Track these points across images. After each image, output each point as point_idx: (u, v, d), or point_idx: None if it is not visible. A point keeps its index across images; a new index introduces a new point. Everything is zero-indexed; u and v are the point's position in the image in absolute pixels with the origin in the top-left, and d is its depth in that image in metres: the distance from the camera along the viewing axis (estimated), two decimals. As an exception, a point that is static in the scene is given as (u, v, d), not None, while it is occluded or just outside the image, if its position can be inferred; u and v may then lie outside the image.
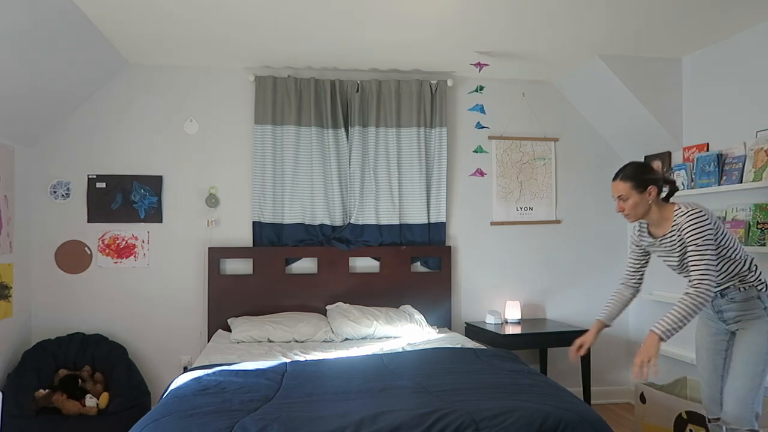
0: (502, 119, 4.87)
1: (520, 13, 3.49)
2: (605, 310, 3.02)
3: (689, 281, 2.57)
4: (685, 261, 2.68)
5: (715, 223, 2.64)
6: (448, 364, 3.19)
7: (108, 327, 4.34)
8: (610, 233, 5.01)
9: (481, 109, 4.80)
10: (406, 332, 4.09)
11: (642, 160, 4.79)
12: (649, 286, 4.70)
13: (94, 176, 4.37)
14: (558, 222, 4.94)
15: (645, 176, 2.75)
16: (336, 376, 2.97)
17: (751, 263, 2.72)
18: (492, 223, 4.84)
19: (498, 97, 4.86)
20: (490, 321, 4.54)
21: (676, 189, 2.89)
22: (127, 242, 4.40)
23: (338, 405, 2.49)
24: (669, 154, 4.52)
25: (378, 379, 2.90)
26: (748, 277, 2.69)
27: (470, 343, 3.85)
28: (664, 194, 2.83)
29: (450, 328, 4.61)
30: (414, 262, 4.68)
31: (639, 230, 2.93)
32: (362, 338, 4.05)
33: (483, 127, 4.81)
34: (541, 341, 4.37)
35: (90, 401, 3.86)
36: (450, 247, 4.70)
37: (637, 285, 3.00)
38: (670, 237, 2.72)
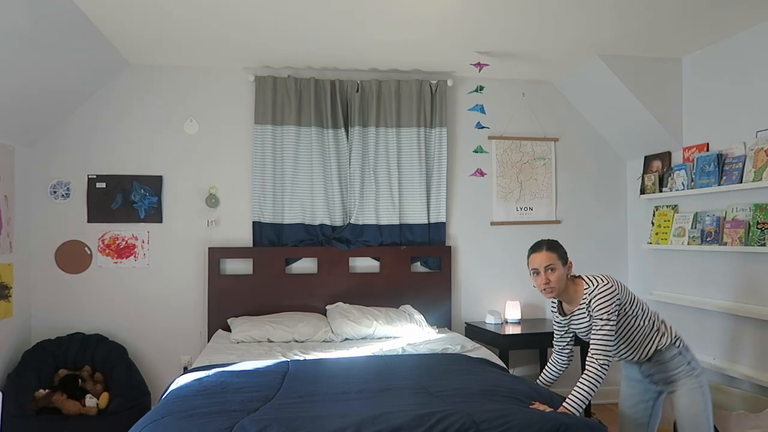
0: (502, 119, 4.87)
1: (520, 13, 3.49)
2: (545, 377, 2.96)
3: (589, 350, 2.59)
4: (589, 329, 2.70)
5: (620, 294, 2.65)
6: (449, 365, 3.19)
7: (108, 327, 4.34)
8: (610, 233, 5.01)
9: (481, 109, 4.80)
10: (406, 332, 4.09)
11: (642, 160, 4.79)
12: (649, 286, 4.70)
13: (94, 176, 4.37)
14: (558, 222, 4.94)
15: (564, 250, 2.79)
16: (336, 377, 2.97)
17: (661, 323, 2.75)
18: (492, 223, 4.84)
19: (498, 97, 4.86)
20: (490, 321, 4.54)
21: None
22: (127, 242, 4.39)
23: (338, 405, 2.49)
24: (669, 154, 4.52)
25: (378, 380, 2.90)
26: (665, 338, 2.72)
27: (470, 344, 3.85)
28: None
29: (450, 328, 4.61)
30: (414, 262, 4.68)
31: (552, 309, 2.93)
32: (362, 338, 4.05)
33: (483, 127, 4.81)
34: (541, 341, 4.36)
35: (90, 401, 3.86)
36: (450, 247, 4.69)
37: (569, 352, 2.92)
38: (579, 313, 2.71)
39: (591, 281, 2.68)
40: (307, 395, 2.66)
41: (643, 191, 4.66)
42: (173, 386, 2.86)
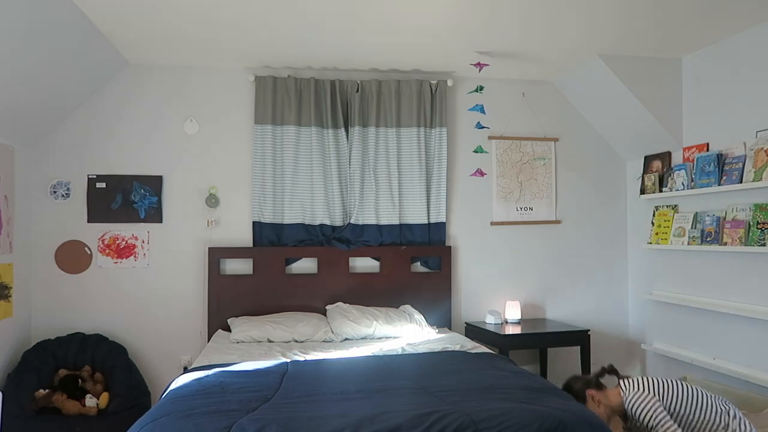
0: (502, 119, 4.86)
1: (520, 13, 3.49)
2: None
3: None
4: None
5: (662, 397, 2.76)
6: (448, 365, 3.19)
7: (108, 327, 4.34)
8: (610, 233, 5.00)
9: (481, 109, 4.80)
10: (406, 332, 4.09)
11: (642, 160, 4.79)
12: (649, 286, 4.70)
13: (94, 176, 4.37)
14: (558, 222, 4.93)
15: (575, 387, 2.95)
16: (335, 377, 2.96)
17: (735, 421, 2.74)
18: (492, 223, 4.83)
19: (498, 97, 4.86)
20: (490, 321, 4.54)
21: (615, 372, 3.01)
22: (127, 242, 4.40)
23: (337, 405, 2.49)
24: (669, 154, 4.51)
25: (377, 380, 2.90)
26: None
27: (470, 344, 3.85)
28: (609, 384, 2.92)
29: (450, 328, 4.60)
30: (414, 262, 4.68)
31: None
32: (362, 338, 4.05)
33: (483, 127, 4.81)
34: (541, 341, 4.37)
35: (90, 401, 3.86)
36: (450, 247, 4.69)
37: None
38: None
39: (622, 393, 2.83)
40: (305, 395, 2.66)
41: (643, 191, 4.66)
42: (173, 386, 2.86)
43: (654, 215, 4.57)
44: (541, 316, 4.88)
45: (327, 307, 4.35)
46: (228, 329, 4.25)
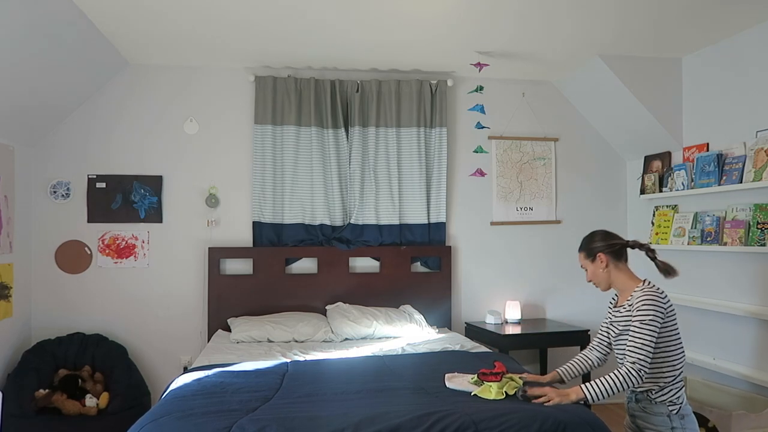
0: (502, 119, 4.86)
1: (520, 13, 3.49)
2: (563, 368, 2.81)
3: (625, 360, 2.47)
4: (624, 337, 2.56)
5: (667, 309, 2.51)
6: (448, 365, 3.18)
7: (108, 327, 4.34)
8: (610, 233, 5.00)
9: (481, 109, 4.80)
10: (406, 332, 4.09)
11: (642, 160, 4.79)
12: (649, 286, 4.69)
13: (94, 176, 4.37)
14: (558, 222, 4.93)
15: (592, 245, 2.68)
16: (335, 377, 2.96)
17: (678, 376, 2.52)
18: (492, 223, 4.83)
19: (498, 97, 4.86)
20: (490, 321, 4.54)
21: (650, 252, 2.70)
22: (127, 242, 4.40)
23: (337, 405, 2.49)
24: (669, 154, 4.51)
25: (377, 380, 2.90)
26: (666, 389, 2.49)
27: (470, 344, 3.85)
28: (624, 260, 2.69)
29: (450, 328, 4.61)
30: (414, 262, 4.68)
31: (610, 302, 2.83)
32: (362, 338, 4.05)
33: (483, 127, 4.81)
34: (541, 341, 4.37)
35: (90, 401, 3.86)
36: (450, 247, 4.69)
37: (601, 354, 2.79)
38: (624, 309, 2.60)
39: (644, 285, 2.57)
40: (305, 395, 2.66)
41: (643, 191, 4.66)
42: (173, 386, 2.86)
43: (654, 215, 4.57)
44: (541, 316, 4.88)
45: (327, 307, 4.35)
46: (228, 329, 4.25)
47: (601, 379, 2.46)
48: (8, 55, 3.26)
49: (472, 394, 2.60)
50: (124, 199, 4.39)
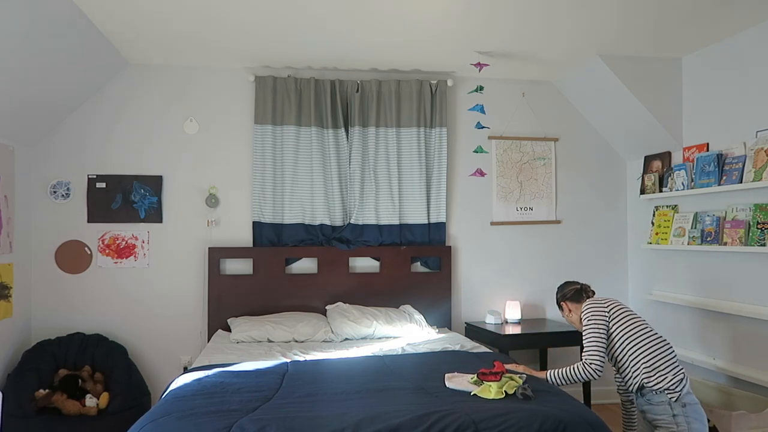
0: (502, 119, 4.86)
1: (520, 13, 3.49)
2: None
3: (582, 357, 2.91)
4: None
5: (610, 310, 2.95)
6: (448, 365, 3.18)
7: (108, 327, 4.34)
8: (610, 233, 5.00)
9: (481, 109, 4.80)
10: (406, 332, 4.09)
11: (642, 160, 4.79)
12: (649, 286, 4.70)
13: (94, 176, 4.37)
14: (558, 222, 4.93)
15: (557, 297, 3.27)
16: (336, 377, 2.97)
17: (668, 364, 2.75)
18: (492, 223, 4.83)
19: (498, 97, 4.86)
20: (490, 321, 4.54)
21: (587, 291, 3.22)
22: (127, 242, 4.40)
23: (337, 405, 2.49)
24: (669, 154, 4.51)
25: (377, 380, 2.90)
26: (660, 378, 2.74)
27: (470, 344, 3.85)
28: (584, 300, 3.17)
29: (450, 328, 4.61)
30: (414, 262, 4.68)
31: None
32: (362, 338, 4.05)
33: (483, 127, 4.81)
34: (541, 341, 4.37)
35: (90, 401, 3.86)
36: (450, 247, 4.69)
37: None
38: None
39: (587, 299, 3.11)
40: (305, 395, 2.66)
41: (643, 191, 4.66)
42: (173, 386, 2.86)
43: (654, 215, 4.57)
44: (541, 316, 4.88)
45: (327, 307, 4.35)
46: (228, 329, 4.25)
47: (564, 371, 2.89)
48: (8, 55, 3.26)
49: (471, 393, 2.61)
50: (124, 199, 4.39)
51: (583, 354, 2.88)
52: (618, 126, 4.74)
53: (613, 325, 2.91)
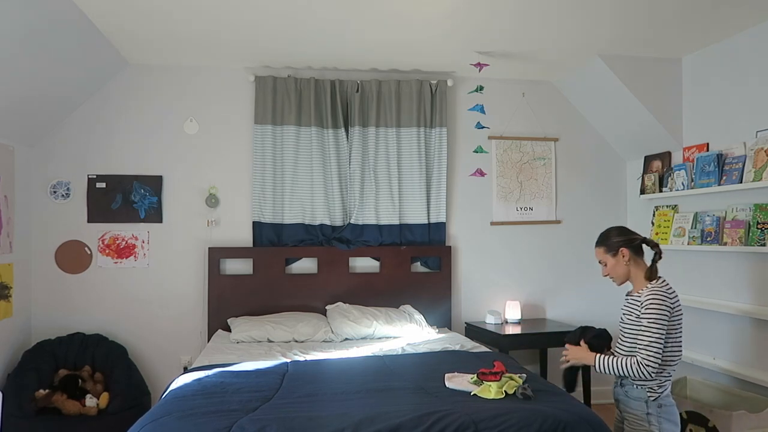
0: (502, 119, 4.86)
1: (520, 13, 3.49)
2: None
3: (639, 355, 2.56)
4: (624, 325, 2.70)
5: (674, 309, 2.60)
6: (448, 365, 3.18)
7: (108, 327, 4.34)
8: (610, 233, 5.00)
9: (481, 109, 4.80)
10: (406, 332, 4.09)
11: (642, 160, 4.79)
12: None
13: (94, 176, 4.37)
14: (558, 222, 4.93)
15: (614, 240, 2.78)
16: (336, 377, 2.97)
17: (667, 369, 2.62)
18: (492, 223, 4.83)
19: (498, 97, 4.86)
20: (490, 321, 4.54)
21: (659, 253, 2.75)
22: (127, 242, 4.40)
23: (337, 405, 2.49)
24: (669, 154, 4.51)
25: (377, 380, 2.90)
26: (651, 381, 2.60)
27: (470, 344, 3.85)
28: (645, 256, 2.77)
29: (450, 328, 4.61)
30: (414, 262, 4.68)
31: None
32: (362, 338, 4.05)
33: (483, 127, 4.81)
34: (541, 341, 4.37)
35: (90, 401, 3.86)
36: (450, 247, 4.69)
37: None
38: (632, 300, 2.71)
39: (659, 281, 2.65)
40: (306, 395, 2.66)
41: (643, 191, 4.66)
42: (173, 386, 2.86)
43: (654, 215, 4.57)
44: (541, 316, 4.88)
45: (327, 307, 4.35)
46: (228, 329, 4.25)
47: (616, 358, 2.61)
48: (8, 55, 3.26)
49: (471, 393, 2.61)
50: (124, 199, 4.39)
51: (640, 351, 2.55)
52: (618, 126, 4.74)
53: (668, 325, 2.60)
